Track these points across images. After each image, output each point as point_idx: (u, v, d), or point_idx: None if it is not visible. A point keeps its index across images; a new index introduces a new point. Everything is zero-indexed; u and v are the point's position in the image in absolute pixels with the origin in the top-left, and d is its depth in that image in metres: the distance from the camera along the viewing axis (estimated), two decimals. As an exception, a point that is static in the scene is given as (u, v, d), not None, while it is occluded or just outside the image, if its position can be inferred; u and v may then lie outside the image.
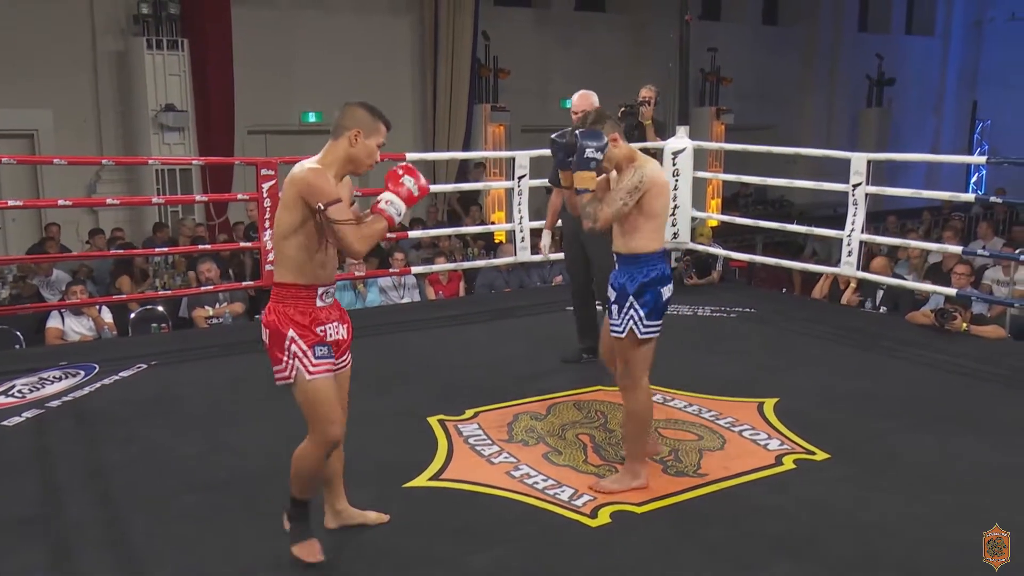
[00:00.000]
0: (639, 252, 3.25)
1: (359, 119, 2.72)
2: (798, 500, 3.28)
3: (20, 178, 10.36)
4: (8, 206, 6.61)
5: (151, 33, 10.22)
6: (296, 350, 2.68)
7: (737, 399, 4.30)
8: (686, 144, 6.86)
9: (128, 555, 2.92)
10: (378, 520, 3.05)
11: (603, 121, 3.20)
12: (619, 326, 3.26)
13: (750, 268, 9.19)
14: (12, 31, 9.91)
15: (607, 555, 2.90)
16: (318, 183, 2.62)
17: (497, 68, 12.85)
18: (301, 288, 2.71)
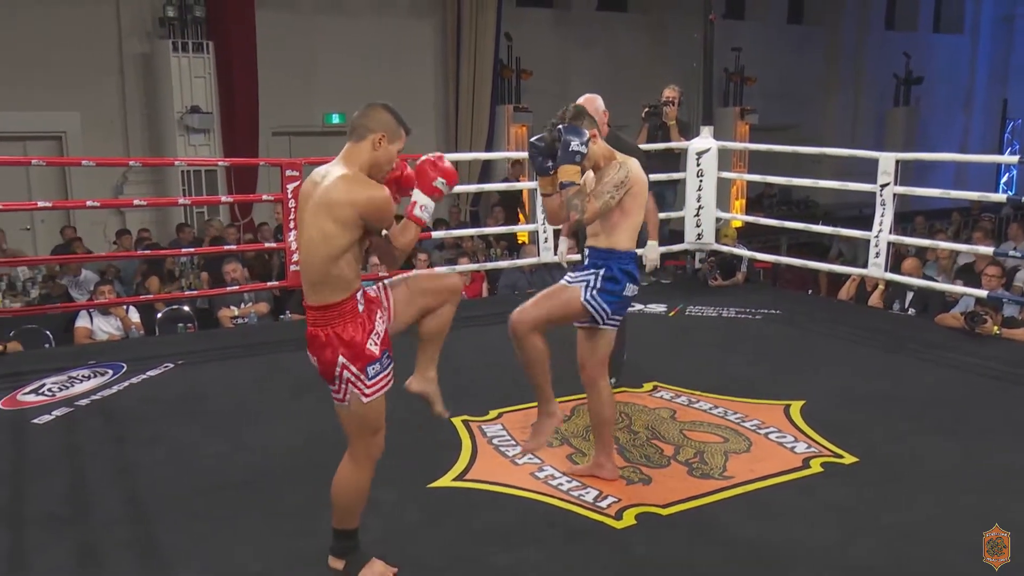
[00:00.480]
0: (614, 248, 3.26)
1: (384, 123, 2.60)
2: (825, 504, 3.25)
3: (49, 180, 10.50)
4: (38, 207, 6.71)
5: (177, 36, 10.31)
6: (348, 376, 2.58)
7: (763, 401, 4.27)
8: (711, 144, 6.83)
9: (154, 553, 2.95)
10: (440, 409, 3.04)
11: (582, 118, 3.17)
12: (572, 280, 3.28)
13: (775, 269, 9.12)
14: (40, 35, 10.03)
15: (632, 557, 2.90)
16: (388, 207, 2.55)
17: (520, 69, 12.85)
18: (346, 302, 2.58)
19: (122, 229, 9.59)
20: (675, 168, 6.97)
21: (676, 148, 6.92)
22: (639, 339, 5.49)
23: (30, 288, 8.04)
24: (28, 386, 4.60)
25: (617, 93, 14.49)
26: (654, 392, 4.45)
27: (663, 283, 7.04)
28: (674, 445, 3.75)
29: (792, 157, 8.39)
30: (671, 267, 7.46)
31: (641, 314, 6.11)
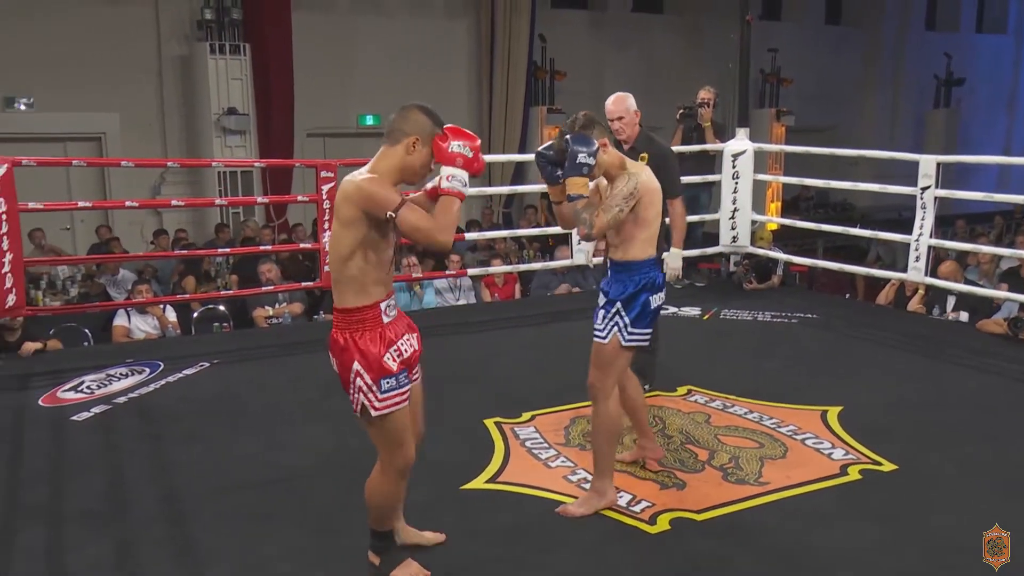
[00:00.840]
0: (631, 260, 3.17)
1: (420, 125, 2.54)
2: (864, 511, 3.20)
3: (88, 180, 10.69)
4: (78, 207, 6.82)
5: (214, 38, 10.45)
6: (361, 384, 2.53)
7: (799, 406, 4.22)
8: (746, 146, 6.77)
9: (188, 550, 2.98)
10: (434, 540, 2.94)
11: (592, 126, 3.08)
12: (602, 331, 3.17)
13: (811, 273, 9.02)
14: (81, 38, 10.21)
15: (666, 562, 2.88)
16: (379, 191, 2.46)
17: (554, 70, 12.85)
18: (366, 310, 2.54)
19: (159, 229, 9.73)
20: (710, 170, 6.92)
21: (711, 150, 6.87)
22: (673, 342, 5.45)
23: (69, 287, 8.19)
24: (67, 383, 4.67)
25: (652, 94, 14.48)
26: (688, 396, 4.41)
27: (697, 286, 6.99)
28: (708, 450, 3.71)
29: (829, 159, 8.28)
30: (705, 270, 7.41)
31: (675, 317, 6.08)
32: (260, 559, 2.90)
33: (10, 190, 4.76)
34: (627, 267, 3.17)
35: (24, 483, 3.50)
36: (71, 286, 8.23)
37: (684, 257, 6.90)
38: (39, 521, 3.16)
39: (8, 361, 5.10)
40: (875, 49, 16.81)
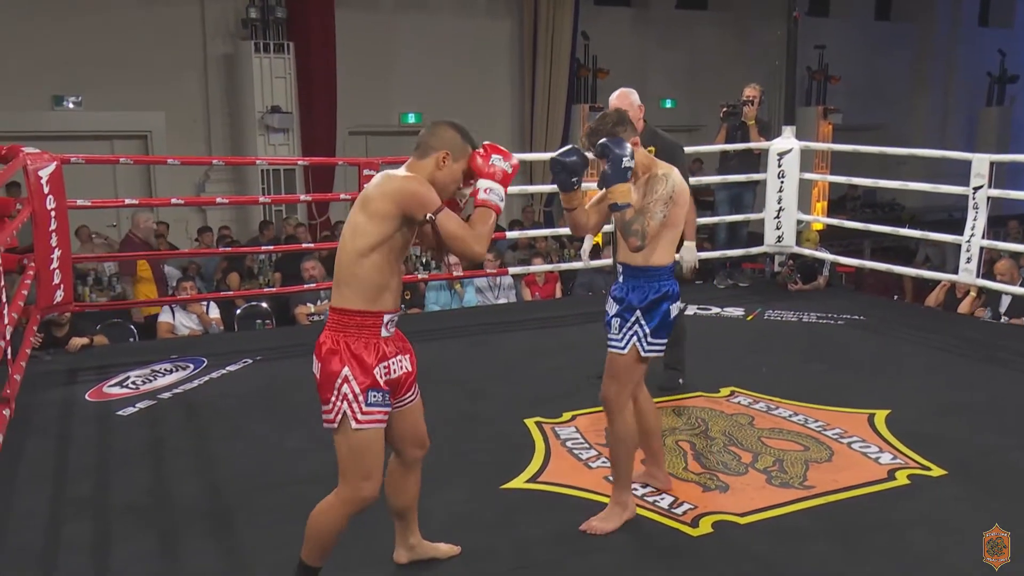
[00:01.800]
0: (652, 266, 3.01)
1: (449, 140, 2.48)
2: (911, 517, 3.14)
3: (134, 177, 10.89)
4: (125, 204, 6.95)
5: (258, 37, 10.58)
6: (347, 391, 2.39)
7: (846, 410, 4.15)
8: (793, 145, 6.68)
9: (232, 545, 3.01)
10: (450, 553, 2.86)
11: (624, 125, 2.92)
12: (620, 342, 3.03)
13: (858, 274, 8.89)
14: (128, 36, 10.40)
15: (707, 566, 2.85)
16: (423, 191, 2.38)
17: (596, 68, 12.80)
18: (367, 316, 2.42)
19: (203, 227, 9.88)
20: (754, 169, 6.84)
21: (756, 148, 6.79)
22: (716, 343, 5.43)
23: (115, 283, 8.34)
24: (113, 379, 4.77)
25: (695, 93, 14.44)
26: (731, 397, 4.37)
27: (741, 286, 6.92)
28: (752, 452, 3.67)
29: (877, 158, 8.15)
30: (749, 270, 7.33)
31: (718, 318, 6.03)
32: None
33: (59, 187, 4.85)
34: (647, 273, 3.02)
35: (70, 476, 3.57)
36: (117, 282, 8.39)
37: (728, 257, 6.94)
38: (85, 514, 3.22)
39: (56, 356, 5.21)
40: (926, 45, 16.49)
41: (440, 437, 3.86)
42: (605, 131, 2.90)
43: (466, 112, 11.87)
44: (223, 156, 10.67)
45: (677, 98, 14.34)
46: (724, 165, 6.99)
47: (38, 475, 3.55)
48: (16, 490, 3.39)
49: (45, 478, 3.53)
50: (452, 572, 2.81)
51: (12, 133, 8.65)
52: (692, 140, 13.05)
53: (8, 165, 4.43)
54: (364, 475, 2.44)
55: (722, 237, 7.07)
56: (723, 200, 6.98)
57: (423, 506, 2.86)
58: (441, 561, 2.84)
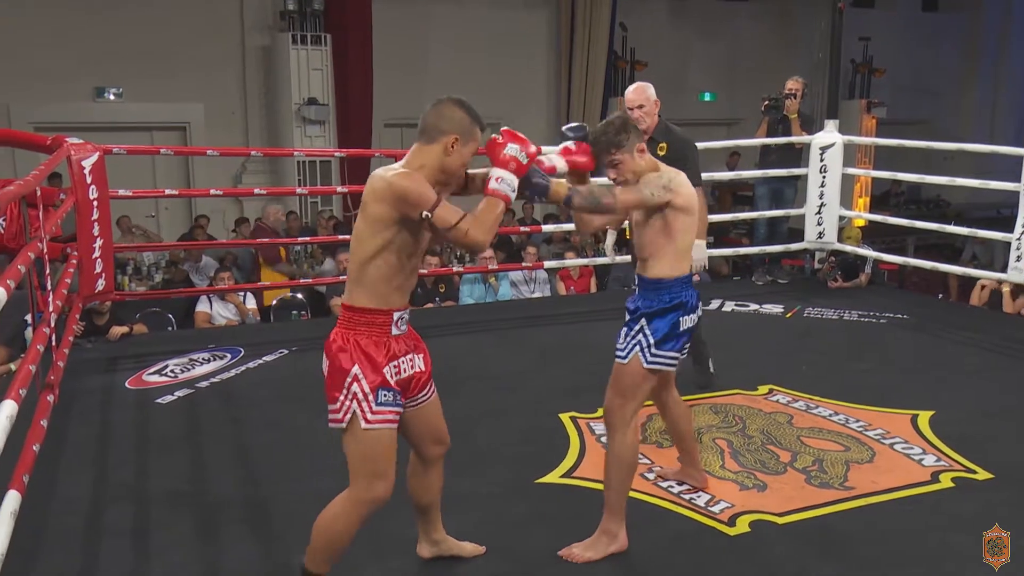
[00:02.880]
0: (659, 277, 2.87)
1: (458, 123, 2.36)
2: (955, 521, 3.09)
3: (173, 168, 11.06)
4: (165, 194, 7.07)
5: (296, 29, 10.67)
6: (357, 390, 2.33)
7: (888, 410, 4.10)
8: (836, 139, 6.60)
9: (268, 534, 3.06)
10: (474, 552, 2.82)
11: (628, 131, 2.80)
12: (623, 350, 2.88)
13: (901, 272, 8.76)
14: (168, 29, 10.55)
15: (744, 566, 2.83)
16: (416, 188, 2.27)
17: (634, 60, 12.74)
18: (377, 314, 2.36)
19: (240, 217, 10.00)
20: (795, 163, 6.77)
21: (797, 143, 6.72)
22: (754, 340, 5.39)
23: (154, 273, 8.49)
24: (152, 367, 4.85)
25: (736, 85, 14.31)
26: (769, 395, 4.33)
27: (780, 283, 6.86)
28: (791, 452, 3.64)
29: (923, 154, 8.05)
30: (788, 267, 7.26)
31: (756, 314, 5.99)
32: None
33: (101, 177, 4.94)
34: (655, 285, 2.88)
35: (111, 462, 3.65)
36: (156, 272, 8.53)
37: (767, 253, 6.88)
38: (125, 499, 3.29)
39: (97, 344, 5.31)
40: (975, 38, 16.18)
41: (474, 430, 3.91)
42: (609, 141, 2.80)
43: (501, 104, 11.89)
44: (260, 147, 10.79)
45: (716, 91, 14.23)
46: (764, 159, 6.93)
47: (80, 460, 3.63)
48: (59, 475, 3.47)
49: (87, 463, 3.61)
50: (487, 566, 2.82)
51: (56, 124, 8.84)
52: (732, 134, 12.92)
53: (53, 155, 4.53)
54: (376, 475, 2.37)
55: (761, 233, 7.01)
56: (763, 195, 6.92)
57: (458, 499, 2.88)
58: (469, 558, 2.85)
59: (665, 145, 4.28)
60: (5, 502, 2.56)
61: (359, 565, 2.76)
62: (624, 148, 2.81)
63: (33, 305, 4.32)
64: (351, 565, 2.67)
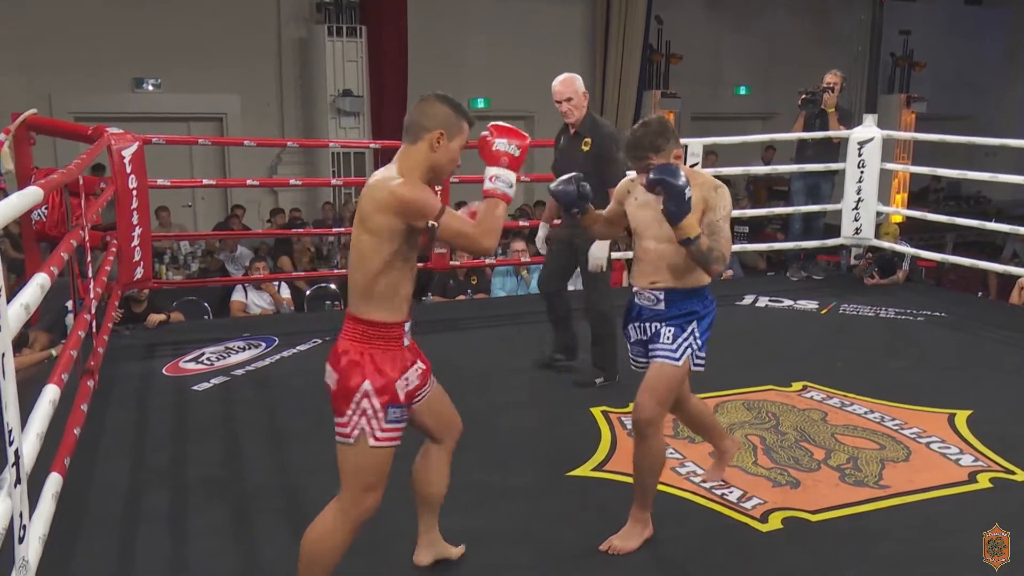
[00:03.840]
0: (702, 285, 2.82)
1: (442, 118, 2.29)
2: (993, 520, 3.02)
3: (209, 159, 11.18)
4: (203, 184, 7.16)
5: (332, 20, 10.73)
6: (367, 407, 2.26)
7: (925, 409, 4.05)
8: (874, 134, 6.51)
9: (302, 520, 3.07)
10: (458, 553, 2.75)
11: (667, 134, 2.69)
12: (675, 352, 2.78)
13: (939, 269, 8.64)
14: (206, 21, 10.66)
15: (776, 562, 2.82)
16: (420, 197, 2.23)
17: (669, 53, 12.66)
18: (393, 327, 2.29)
19: (276, 208, 10.09)
20: (833, 158, 6.69)
21: (835, 137, 6.64)
22: (788, 336, 5.35)
23: (191, 262, 8.60)
24: (189, 354, 4.92)
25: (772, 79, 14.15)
26: (803, 392, 4.30)
27: (815, 279, 6.80)
28: (825, 449, 3.61)
29: (963, 150, 7.92)
30: (824, 262, 7.18)
31: (791, 310, 5.94)
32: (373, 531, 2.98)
33: (141, 167, 5.01)
34: (695, 293, 2.82)
35: (149, 448, 3.71)
36: (192, 261, 8.64)
37: (803, 248, 6.81)
38: (162, 485, 3.34)
39: (135, 331, 5.39)
40: (1019, 32, 15.86)
41: (506, 423, 3.92)
42: (648, 144, 2.68)
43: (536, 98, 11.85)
44: (296, 138, 10.87)
45: (752, 85, 14.11)
46: (801, 154, 6.85)
47: (119, 445, 3.70)
48: (98, 460, 3.53)
49: (125, 448, 3.67)
50: (518, 558, 2.84)
51: (96, 114, 8.97)
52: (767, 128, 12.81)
53: (94, 145, 4.59)
54: (369, 487, 2.33)
55: (796, 228, 6.94)
56: (799, 190, 6.85)
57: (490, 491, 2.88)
58: (506, 547, 2.85)
59: (589, 140, 4.22)
60: (47, 484, 2.62)
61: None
62: (662, 152, 2.69)
63: (74, 292, 4.40)
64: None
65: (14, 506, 2.00)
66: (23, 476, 2.08)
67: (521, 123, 12.11)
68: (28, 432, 2.35)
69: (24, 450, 2.15)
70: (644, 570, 2.77)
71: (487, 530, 2.94)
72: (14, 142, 4.74)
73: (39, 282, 2.53)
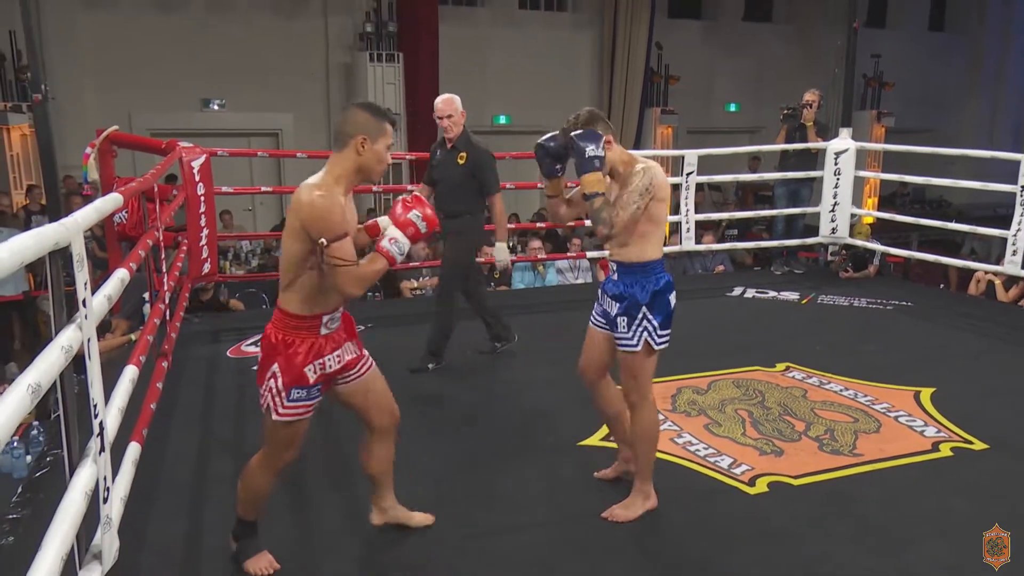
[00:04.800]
0: (647, 260, 2.67)
1: (362, 123, 2.22)
2: (954, 485, 3.01)
3: (267, 169, 11.22)
4: (261, 191, 7.18)
5: (373, 48, 10.72)
6: (273, 386, 2.27)
7: (893, 386, 4.00)
8: (849, 145, 6.44)
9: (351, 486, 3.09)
10: (423, 522, 2.70)
11: (596, 121, 2.60)
12: (632, 340, 2.68)
13: (906, 264, 8.51)
14: (264, 48, 10.70)
15: (763, 520, 2.79)
16: (327, 215, 2.13)
17: (668, 75, 12.57)
18: (307, 318, 2.26)
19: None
20: (811, 167, 6.62)
21: (813, 148, 6.56)
22: (772, 323, 5.30)
23: (251, 259, 8.63)
24: (249, 339, 4.93)
25: (759, 97, 14.01)
26: (786, 372, 4.25)
27: (796, 273, 6.73)
28: (805, 422, 3.58)
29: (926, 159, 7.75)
30: (804, 259, 7.11)
31: (775, 300, 5.89)
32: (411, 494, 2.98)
33: (208, 176, 5.03)
34: (642, 268, 2.68)
35: (215, 421, 3.73)
36: (252, 258, 8.68)
37: (785, 246, 6.74)
38: (226, 453, 3.35)
39: (203, 319, 5.42)
40: (978, 55, 15.63)
41: (527, 400, 3.91)
42: (578, 128, 2.59)
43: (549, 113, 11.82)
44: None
45: (741, 102, 13.97)
46: (783, 163, 6.78)
47: (188, 419, 3.72)
48: (171, 432, 3.55)
49: (194, 421, 3.69)
50: (539, 517, 2.82)
51: (168, 130, 9.01)
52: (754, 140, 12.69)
53: (167, 157, 4.62)
54: (285, 447, 2.38)
55: (779, 228, 6.87)
56: (781, 195, 6.78)
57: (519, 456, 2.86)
58: (529, 508, 2.83)
59: (465, 154, 4.22)
60: (127, 453, 2.63)
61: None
62: None
63: (150, 285, 4.43)
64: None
65: (99, 471, 2.02)
66: (107, 445, 2.09)
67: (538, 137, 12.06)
68: (111, 407, 2.37)
69: (107, 422, 2.16)
70: (643, 526, 2.75)
71: (507, 491, 2.93)
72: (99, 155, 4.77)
73: (120, 276, 2.54)
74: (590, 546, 2.64)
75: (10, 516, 2.80)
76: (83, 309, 1.98)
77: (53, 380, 1.74)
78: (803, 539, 2.66)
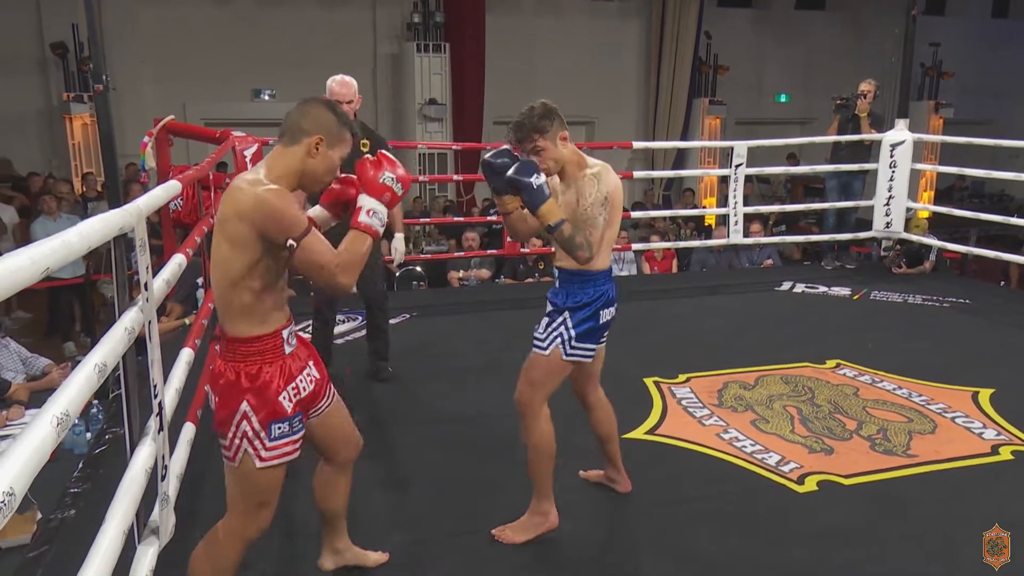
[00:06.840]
0: (590, 271, 2.48)
1: (324, 124, 1.89)
2: (1014, 490, 2.93)
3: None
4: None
5: (420, 38, 10.77)
6: (247, 429, 1.88)
7: (950, 386, 3.90)
8: (906, 137, 6.26)
9: (393, 469, 3.12)
10: (378, 561, 2.39)
11: (551, 118, 2.40)
12: (543, 341, 2.51)
13: (963, 260, 8.27)
14: (313, 39, 10.81)
15: (812, 520, 2.75)
16: (285, 209, 1.79)
17: (717, 65, 12.37)
18: (266, 339, 1.90)
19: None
20: (864, 159, 6.45)
21: (867, 139, 6.40)
22: (822, 319, 5.20)
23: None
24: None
25: (810, 87, 13.71)
26: (837, 369, 4.17)
27: (848, 268, 6.58)
28: (857, 420, 3.51)
29: (988, 152, 7.51)
30: (856, 253, 6.95)
31: (825, 296, 5.78)
32: (451, 481, 3.01)
33: (259, 165, 5.10)
34: (580, 276, 2.50)
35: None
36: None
37: (836, 240, 6.60)
38: (276, 435, 3.41)
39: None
40: (1043, 43, 15.05)
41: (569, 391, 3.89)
42: (531, 126, 2.39)
43: (595, 104, 11.77)
44: (388, 141, 10.93)
45: (792, 93, 13.69)
46: (835, 155, 6.62)
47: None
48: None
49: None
50: (574, 504, 2.81)
51: (221, 120, 9.18)
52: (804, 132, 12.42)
53: (221, 146, 4.69)
54: (260, 505, 1.97)
55: (831, 222, 6.73)
56: (833, 188, 6.63)
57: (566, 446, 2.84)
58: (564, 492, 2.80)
59: (367, 142, 4.10)
60: (183, 432, 2.70)
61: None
62: (547, 134, 2.41)
63: (204, 270, 4.52)
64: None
65: (158, 449, 2.07)
66: (165, 424, 2.14)
67: (583, 128, 12.01)
68: (169, 387, 2.43)
69: (166, 403, 2.21)
70: (691, 522, 2.73)
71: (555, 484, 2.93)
72: (156, 143, 4.87)
73: (177, 260, 2.60)
74: (621, 545, 2.62)
75: (72, 491, 2.90)
76: (145, 292, 2.03)
77: (117, 360, 1.79)
78: (854, 540, 2.61)
